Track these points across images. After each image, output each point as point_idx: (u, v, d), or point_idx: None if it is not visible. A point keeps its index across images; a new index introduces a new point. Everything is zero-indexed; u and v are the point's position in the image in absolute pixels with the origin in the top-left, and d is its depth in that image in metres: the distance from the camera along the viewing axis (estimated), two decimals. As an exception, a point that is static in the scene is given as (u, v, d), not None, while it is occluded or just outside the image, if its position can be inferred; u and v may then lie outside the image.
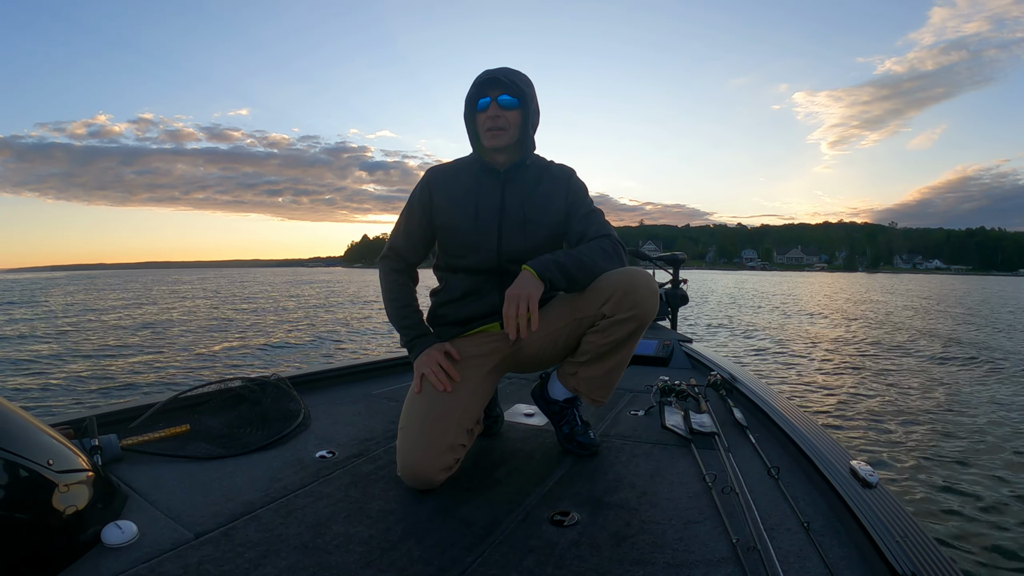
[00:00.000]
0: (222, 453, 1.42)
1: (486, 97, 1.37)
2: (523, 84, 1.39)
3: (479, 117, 1.39)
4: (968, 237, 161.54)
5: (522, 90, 1.37)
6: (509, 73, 1.38)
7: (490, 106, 1.37)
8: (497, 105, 1.37)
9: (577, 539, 1.03)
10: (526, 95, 1.38)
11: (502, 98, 1.37)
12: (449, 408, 1.29)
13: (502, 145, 1.39)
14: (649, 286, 1.31)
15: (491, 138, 1.38)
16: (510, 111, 1.38)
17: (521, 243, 1.40)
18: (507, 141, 1.39)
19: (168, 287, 27.93)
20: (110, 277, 50.50)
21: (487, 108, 1.37)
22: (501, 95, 1.37)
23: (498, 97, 1.37)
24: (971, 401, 4.60)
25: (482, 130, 1.39)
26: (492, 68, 1.40)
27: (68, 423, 1.36)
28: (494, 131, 1.37)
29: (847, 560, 0.94)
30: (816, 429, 1.44)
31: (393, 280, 1.47)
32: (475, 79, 1.39)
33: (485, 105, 1.38)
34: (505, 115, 1.37)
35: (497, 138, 1.38)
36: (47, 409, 4.40)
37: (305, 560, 0.95)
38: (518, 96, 1.38)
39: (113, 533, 0.98)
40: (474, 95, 1.39)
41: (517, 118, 1.39)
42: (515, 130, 1.40)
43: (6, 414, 0.96)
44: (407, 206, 1.49)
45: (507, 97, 1.37)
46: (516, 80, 1.37)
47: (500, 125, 1.37)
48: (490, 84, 1.37)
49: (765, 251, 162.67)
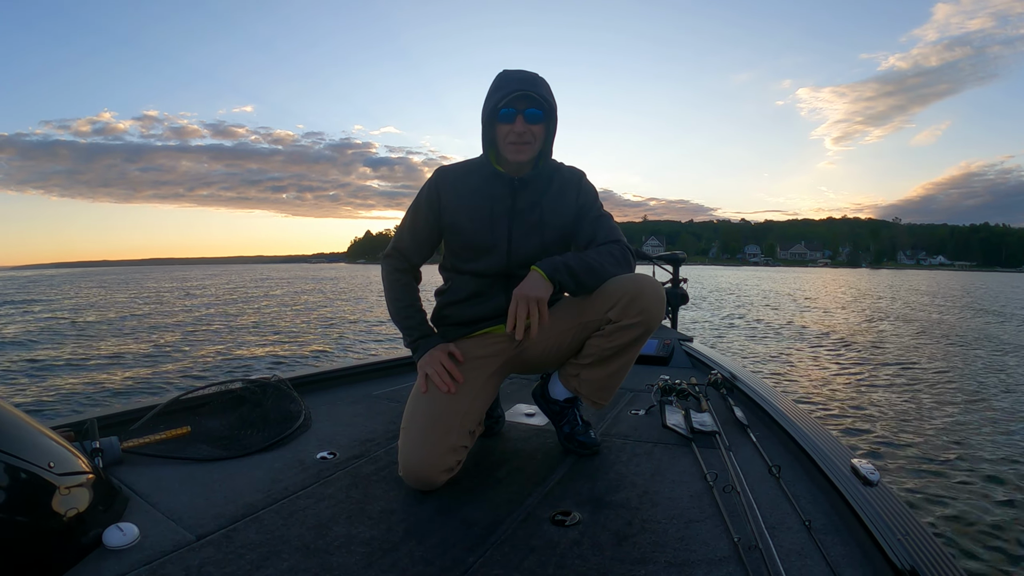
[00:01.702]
0: (223, 455, 1.42)
1: (511, 109, 1.31)
2: (550, 95, 1.34)
3: (501, 128, 1.33)
4: (972, 233, 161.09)
5: (550, 103, 1.33)
6: (536, 84, 1.32)
7: (517, 120, 1.31)
8: (524, 120, 1.31)
9: (578, 539, 1.03)
10: (553, 107, 1.34)
11: (530, 112, 1.31)
12: (452, 409, 1.29)
13: (527, 160, 1.36)
14: (656, 293, 1.30)
15: (515, 152, 1.33)
16: (536, 125, 1.33)
17: (531, 247, 1.39)
18: (532, 155, 1.36)
19: (176, 284, 27.94)
20: (111, 275, 50.51)
21: (513, 121, 1.31)
22: (528, 108, 1.31)
23: (525, 111, 1.31)
24: (972, 399, 4.59)
25: (504, 142, 1.34)
26: (512, 70, 1.34)
27: (69, 425, 1.36)
28: (519, 146, 1.33)
29: (848, 558, 0.94)
30: (817, 427, 1.44)
31: (396, 279, 1.46)
32: (496, 83, 1.33)
33: (510, 117, 1.31)
34: (532, 130, 1.32)
35: (522, 153, 1.34)
36: (48, 411, 4.41)
37: (306, 561, 0.95)
38: (544, 109, 1.33)
39: (114, 535, 0.98)
40: (497, 103, 1.31)
41: (542, 132, 1.35)
42: (539, 143, 1.36)
43: (7, 416, 0.96)
44: (414, 205, 1.46)
45: (534, 111, 1.31)
46: (544, 93, 1.32)
47: (526, 140, 1.33)
48: (518, 97, 1.30)
49: (768, 247, 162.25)
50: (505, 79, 1.33)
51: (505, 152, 1.35)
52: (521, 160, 1.35)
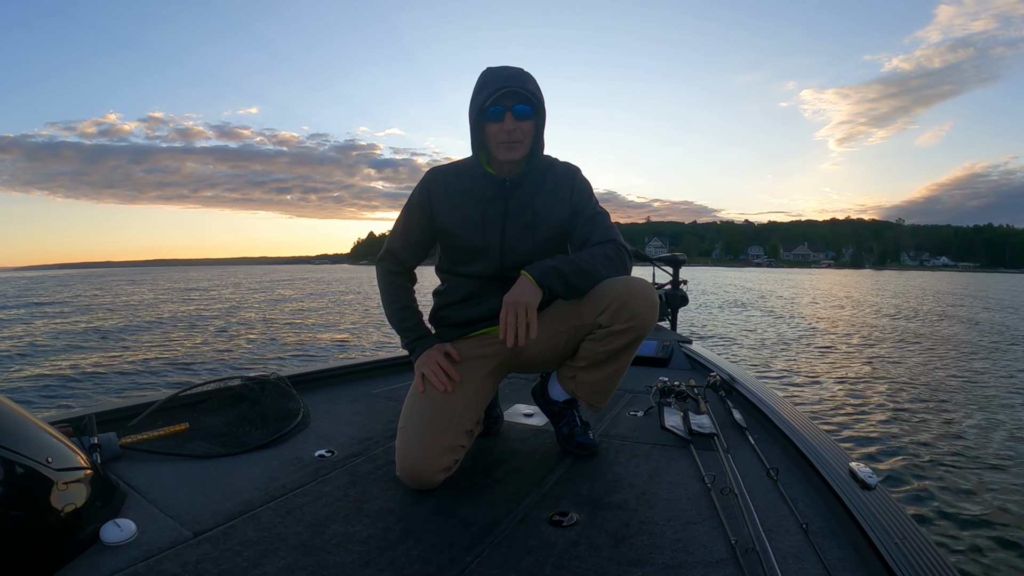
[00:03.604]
0: (221, 452, 1.42)
1: (499, 107, 1.28)
2: (537, 90, 1.31)
3: (490, 127, 1.30)
4: (976, 234, 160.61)
5: (538, 97, 1.30)
6: (522, 79, 1.29)
7: (506, 118, 1.28)
8: (513, 117, 1.28)
9: (576, 539, 1.03)
10: (541, 101, 1.31)
11: (518, 108, 1.28)
12: (449, 409, 1.28)
13: (518, 158, 1.33)
14: (648, 297, 1.27)
15: (506, 151, 1.31)
16: (525, 122, 1.30)
17: (524, 248, 1.37)
18: (523, 153, 1.33)
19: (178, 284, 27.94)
20: (112, 275, 50.56)
21: (501, 120, 1.28)
22: (516, 105, 1.28)
23: (513, 108, 1.28)
24: (971, 403, 4.58)
25: (495, 142, 1.31)
26: (496, 67, 1.32)
27: (67, 421, 1.36)
28: (509, 144, 1.30)
29: (845, 561, 0.94)
30: (815, 430, 1.44)
31: (391, 282, 1.45)
32: (481, 81, 1.31)
33: (499, 115, 1.28)
34: (521, 127, 1.29)
35: (514, 151, 1.31)
36: (46, 407, 4.42)
37: (304, 559, 0.95)
38: (532, 105, 1.30)
39: (112, 531, 0.98)
40: (484, 103, 1.28)
41: (531, 128, 1.32)
42: (529, 140, 1.33)
43: (5, 411, 0.96)
44: (406, 208, 1.45)
45: (523, 107, 1.28)
46: (530, 87, 1.29)
47: (516, 138, 1.30)
48: (505, 95, 1.27)
49: (771, 248, 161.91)
50: (490, 77, 1.30)
51: (496, 152, 1.33)
52: (513, 159, 1.32)
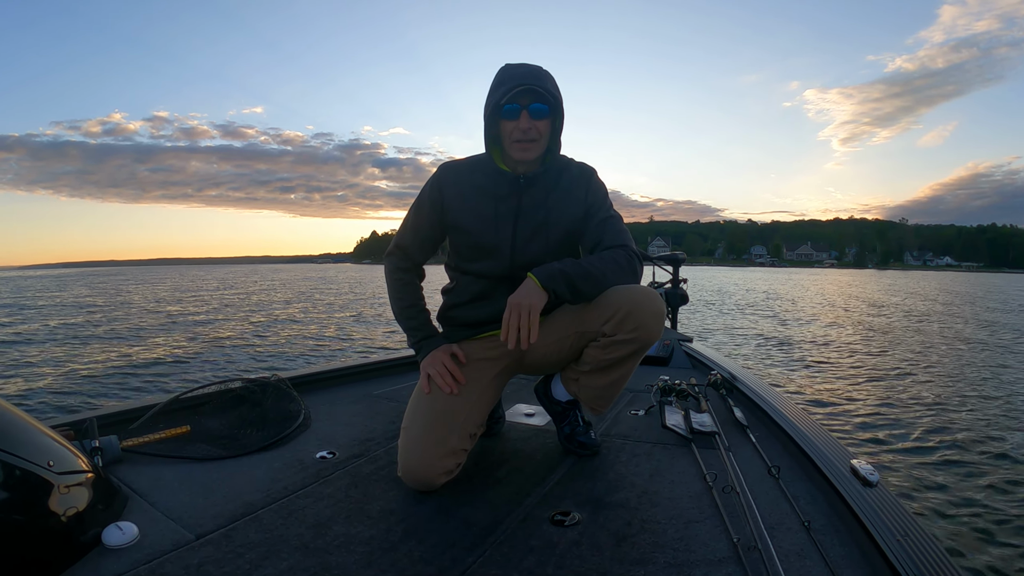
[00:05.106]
0: (222, 454, 1.42)
1: (515, 104, 1.25)
2: (555, 89, 1.29)
3: (505, 125, 1.28)
4: (979, 234, 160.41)
5: (556, 97, 1.28)
6: (540, 77, 1.26)
7: (522, 116, 1.26)
8: (529, 116, 1.26)
9: (578, 539, 1.03)
10: (558, 101, 1.29)
11: (535, 107, 1.26)
12: (453, 411, 1.28)
13: (532, 158, 1.31)
14: (654, 308, 1.25)
15: (521, 151, 1.29)
16: (541, 121, 1.28)
17: (535, 248, 1.35)
18: (537, 154, 1.31)
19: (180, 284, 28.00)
20: (113, 275, 50.58)
21: (517, 117, 1.26)
22: (533, 103, 1.26)
23: (530, 106, 1.25)
24: (972, 400, 4.57)
25: (509, 140, 1.29)
26: (514, 64, 1.30)
27: (68, 424, 1.37)
28: (524, 143, 1.28)
29: (848, 559, 0.94)
30: (816, 428, 1.44)
31: (399, 278, 1.43)
32: (499, 78, 1.29)
33: (515, 113, 1.26)
34: (537, 126, 1.27)
35: (528, 151, 1.29)
36: (47, 410, 4.42)
37: (306, 561, 0.95)
38: (549, 104, 1.27)
39: (114, 534, 0.98)
40: (500, 99, 1.25)
41: (548, 127, 1.30)
42: (545, 140, 1.32)
43: (6, 415, 0.96)
44: (416, 202, 1.43)
45: (539, 106, 1.26)
46: (549, 87, 1.26)
47: (532, 137, 1.28)
48: (521, 92, 1.25)
49: (775, 247, 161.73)
50: (508, 73, 1.28)
51: (510, 151, 1.31)
52: (528, 159, 1.31)
